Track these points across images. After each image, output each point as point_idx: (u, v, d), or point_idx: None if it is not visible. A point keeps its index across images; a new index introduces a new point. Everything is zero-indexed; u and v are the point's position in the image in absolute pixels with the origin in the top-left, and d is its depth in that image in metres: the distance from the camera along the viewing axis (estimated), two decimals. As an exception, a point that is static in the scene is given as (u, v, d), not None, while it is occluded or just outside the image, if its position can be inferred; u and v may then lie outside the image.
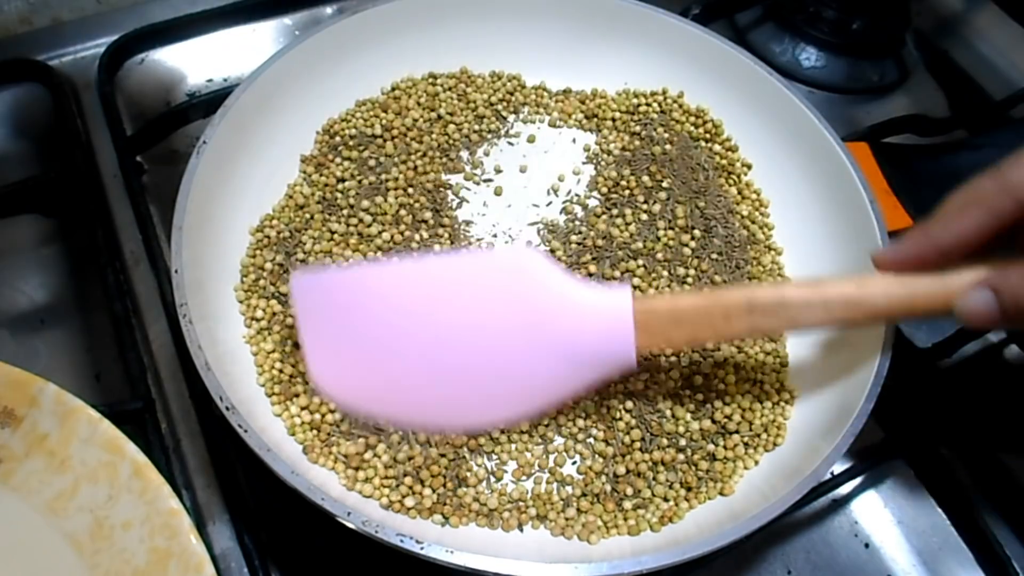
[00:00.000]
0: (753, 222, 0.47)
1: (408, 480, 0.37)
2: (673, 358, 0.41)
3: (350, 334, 0.33)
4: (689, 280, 0.44)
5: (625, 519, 0.37)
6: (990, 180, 0.30)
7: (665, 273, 0.44)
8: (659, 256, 0.44)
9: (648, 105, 0.51)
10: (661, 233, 0.45)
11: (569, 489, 0.38)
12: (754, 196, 0.48)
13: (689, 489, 0.38)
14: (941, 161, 0.49)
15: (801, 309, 0.33)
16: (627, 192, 0.47)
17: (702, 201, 0.47)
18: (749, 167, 0.49)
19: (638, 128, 0.50)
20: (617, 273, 0.44)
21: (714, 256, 0.45)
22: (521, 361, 0.33)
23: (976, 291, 0.30)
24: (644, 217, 0.46)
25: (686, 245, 0.45)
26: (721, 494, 0.38)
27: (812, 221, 0.45)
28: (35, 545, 0.34)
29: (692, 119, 0.50)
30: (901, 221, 0.44)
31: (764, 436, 0.39)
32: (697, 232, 0.45)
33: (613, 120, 0.50)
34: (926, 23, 0.63)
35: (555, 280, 0.33)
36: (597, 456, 0.39)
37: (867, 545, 0.42)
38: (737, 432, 0.39)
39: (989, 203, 0.30)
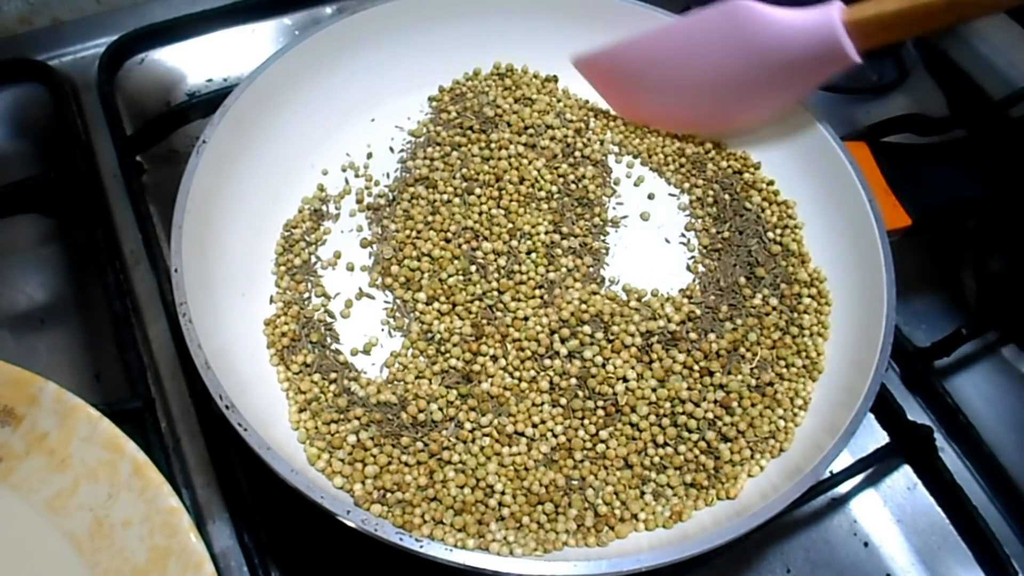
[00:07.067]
0: (773, 213, 0.46)
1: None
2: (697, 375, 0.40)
3: (626, 77, 0.48)
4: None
5: (642, 509, 0.37)
6: None
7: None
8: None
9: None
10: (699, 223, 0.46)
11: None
12: (767, 186, 0.47)
13: (698, 488, 0.38)
14: (940, 160, 0.49)
15: None
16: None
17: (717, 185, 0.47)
18: (757, 167, 0.49)
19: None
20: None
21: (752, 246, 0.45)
22: (755, 77, 0.43)
23: None
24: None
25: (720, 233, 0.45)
26: (728, 496, 0.37)
27: (811, 220, 0.45)
28: (35, 544, 0.34)
29: None
30: (900, 220, 0.44)
31: (771, 442, 0.39)
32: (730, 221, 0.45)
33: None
34: (925, 23, 0.63)
35: (768, 17, 0.41)
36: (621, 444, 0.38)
37: (866, 544, 0.42)
38: (743, 436, 0.38)
39: None
